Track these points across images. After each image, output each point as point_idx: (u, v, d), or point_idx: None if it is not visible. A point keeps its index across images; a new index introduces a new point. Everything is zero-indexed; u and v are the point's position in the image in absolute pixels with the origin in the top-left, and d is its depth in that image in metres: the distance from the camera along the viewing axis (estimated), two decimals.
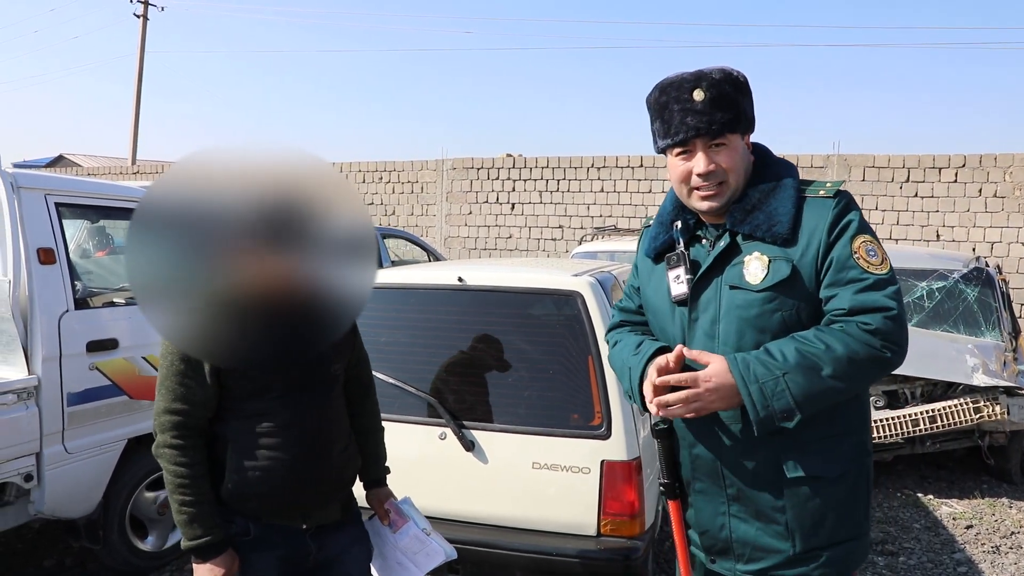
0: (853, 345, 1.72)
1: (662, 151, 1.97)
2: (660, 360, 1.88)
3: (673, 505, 2.05)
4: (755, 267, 1.85)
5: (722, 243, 1.92)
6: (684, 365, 1.86)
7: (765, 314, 1.83)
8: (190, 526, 2.10)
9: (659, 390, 1.86)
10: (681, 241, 2.00)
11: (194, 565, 2.14)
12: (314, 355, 2.20)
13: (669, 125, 1.89)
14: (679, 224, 2.02)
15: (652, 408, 1.87)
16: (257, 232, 1.84)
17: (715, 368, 1.79)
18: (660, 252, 2.06)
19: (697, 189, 1.91)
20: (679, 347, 1.89)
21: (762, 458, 1.85)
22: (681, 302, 1.96)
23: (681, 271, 1.96)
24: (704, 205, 1.92)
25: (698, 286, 1.94)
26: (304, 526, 2.25)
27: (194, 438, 2.13)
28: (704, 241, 1.99)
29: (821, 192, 1.88)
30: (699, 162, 1.88)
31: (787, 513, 1.85)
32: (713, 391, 1.78)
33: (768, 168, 1.96)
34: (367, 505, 2.54)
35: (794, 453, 1.83)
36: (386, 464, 2.58)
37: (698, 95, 1.85)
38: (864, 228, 1.84)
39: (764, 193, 1.90)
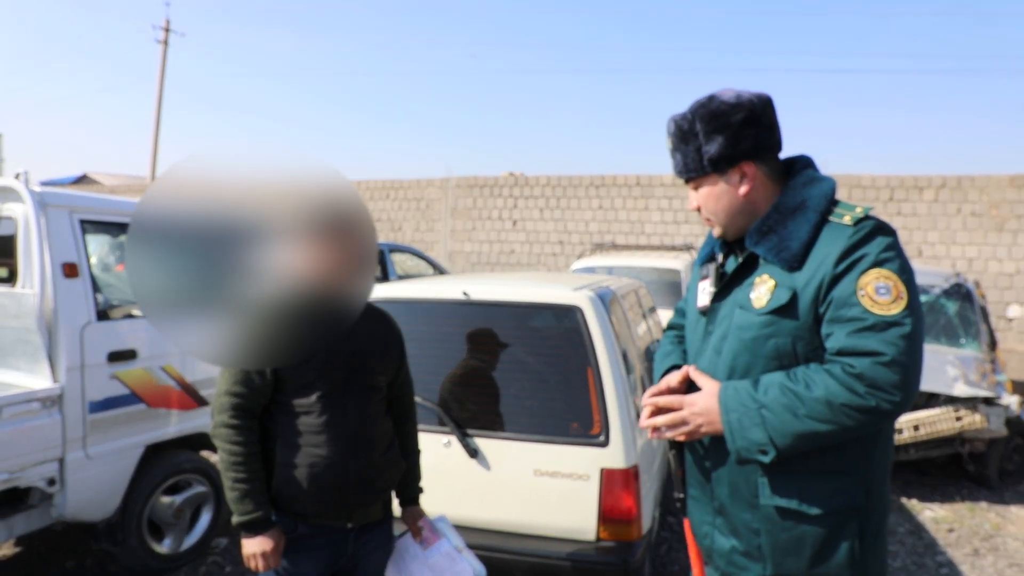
0: (832, 387, 1.58)
1: None
2: (661, 383, 1.87)
3: (687, 522, 1.99)
4: (762, 290, 1.74)
5: (739, 260, 1.84)
6: (690, 385, 1.84)
7: (760, 339, 1.72)
8: (242, 502, 2.15)
9: (653, 412, 1.84)
10: (720, 254, 1.94)
11: (243, 540, 2.18)
12: (322, 349, 2.23)
13: None
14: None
15: (648, 434, 1.86)
16: (284, 235, 1.90)
17: (703, 393, 1.76)
18: (705, 261, 2.01)
19: None
20: (685, 368, 1.86)
21: (743, 479, 1.77)
22: (703, 313, 1.92)
23: (708, 283, 1.92)
24: (712, 232, 1.93)
25: (718, 300, 1.87)
26: (349, 525, 2.30)
27: (249, 420, 2.20)
28: (738, 256, 1.89)
29: (845, 218, 1.70)
30: (689, 198, 1.91)
31: (761, 537, 1.75)
32: (698, 415, 1.75)
33: (799, 187, 1.79)
34: (401, 521, 2.57)
35: (772, 481, 1.72)
36: (420, 484, 2.61)
37: (667, 143, 1.87)
38: (882, 261, 1.63)
39: (784, 214, 1.76)
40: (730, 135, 1.76)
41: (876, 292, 1.60)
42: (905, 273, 1.63)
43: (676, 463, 1.98)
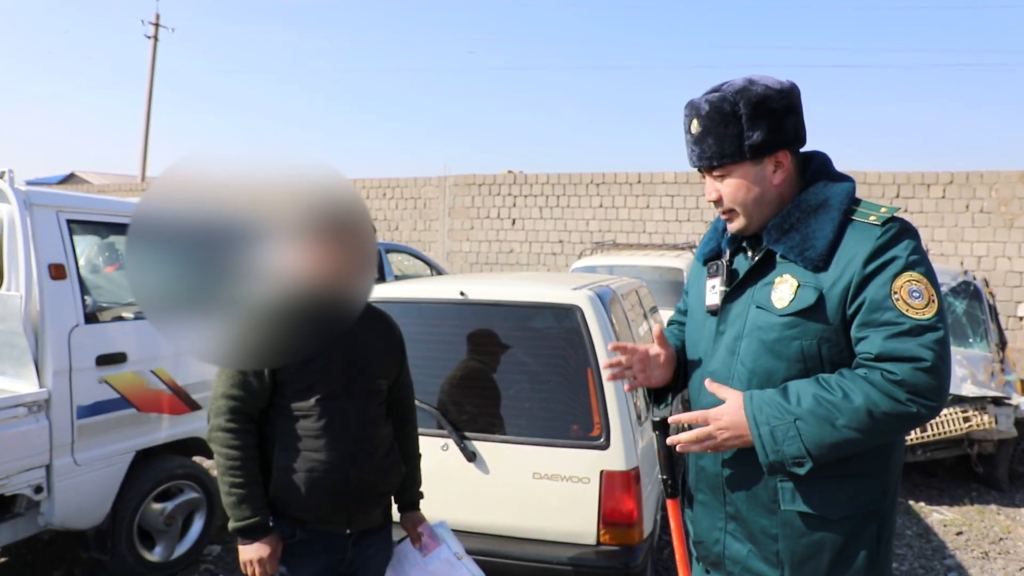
0: (873, 396, 1.57)
1: None
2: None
3: (671, 503, 2.00)
4: (783, 290, 1.72)
5: (757, 258, 1.81)
6: (702, 397, 1.84)
7: (784, 340, 1.70)
8: (239, 507, 2.14)
9: (675, 428, 1.83)
10: (727, 251, 1.91)
11: (240, 546, 2.18)
12: (323, 351, 2.22)
13: (686, 149, 1.84)
14: (728, 232, 1.92)
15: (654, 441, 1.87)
16: (285, 234, 1.90)
17: (728, 406, 1.72)
18: (708, 259, 1.97)
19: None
20: (656, 327, 1.86)
21: (761, 483, 1.75)
22: (712, 312, 1.88)
23: (718, 281, 1.88)
24: (729, 227, 1.85)
25: (730, 299, 1.84)
26: (348, 531, 2.30)
27: (247, 423, 2.19)
28: (749, 253, 1.88)
29: (871, 217, 1.68)
30: (706, 189, 1.84)
31: (780, 543, 1.74)
32: (726, 429, 1.71)
33: (820, 184, 1.77)
34: (400, 527, 2.57)
35: (794, 486, 1.71)
36: (420, 489, 2.61)
37: (694, 126, 1.77)
38: (913, 264, 1.62)
39: (806, 212, 1.74)
40: (774, 122, 1.73)
41: (910, 296, 1.59)
42: (932, 276, 1.64)
43: (659, 444, 1.97)
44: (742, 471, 1.78)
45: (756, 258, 1.81)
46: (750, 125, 1.72)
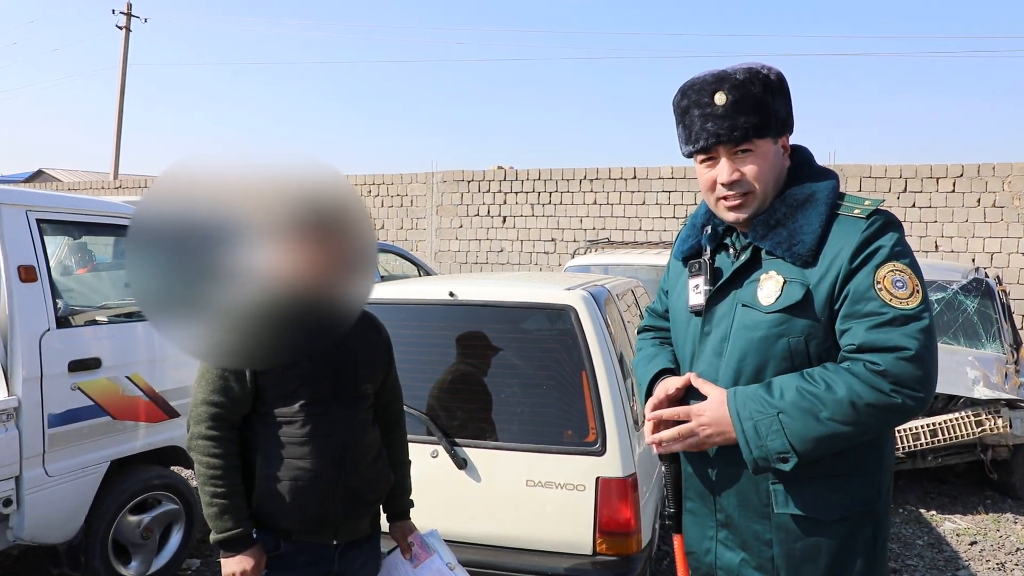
0: (856, 387, 1.60)
1: (688, 156, 1.86)
2: (658, 392, 1.87)
3: (678, 539, 1.99)
4: (769, 287, 1.75)
5: (744, 256, 1.83)
6: (691, 391, 1.85)
7: (770, 338, 1.73)
8: (221, 518, 2.15)
9: (656, 425, 1.85)
10: (708, 248, 1.92)
11: (223, 559, 2.19)
12: (318, 351, 2.24)
13: (690, 131, 1.80)
14: (708, 229, 1.93)
15: (653, 448, 1.86)
16: (276, 233, 1.92)
17: (710, 402, 1.75)
18: (688, 257, 1.97)
19: (723, 199, 1.82)
20: (687, 375, 1.85)
21: (753, 488, 1.77)
22: (697, 313, 1.89)
23: (701, 280, 1.88)
24: (730, 216, 1.83)
25: (715, 299, 1.86)
26: (334, 542, 2.31)
27: (228, 431, 2.20)
28: (731, 250, 1.89)
29: (855, 211, 1.73)
30: (722, 170, 1.79)
31: (774, 548, 1.76)
32: (708, 425, 1.74)
33: (804, 178, 1.82)
34: (389, 536, 2.59)
35: (787, 488, 1.73)
36: (411, 497, 2.62)
37: (719, 98, 1.74)
38: (897, 255, 1.67)
39: (792, 207, 1.77)
40: (789, 102, 1.81)
41: (893, 286, 1.64)
42: (916, 267, 1.68)
43: (669, 476, 1.97)
44: (732, 476, 1.80)
45: (742, 257, 1.83)
46: (774, 100, 1.76)
